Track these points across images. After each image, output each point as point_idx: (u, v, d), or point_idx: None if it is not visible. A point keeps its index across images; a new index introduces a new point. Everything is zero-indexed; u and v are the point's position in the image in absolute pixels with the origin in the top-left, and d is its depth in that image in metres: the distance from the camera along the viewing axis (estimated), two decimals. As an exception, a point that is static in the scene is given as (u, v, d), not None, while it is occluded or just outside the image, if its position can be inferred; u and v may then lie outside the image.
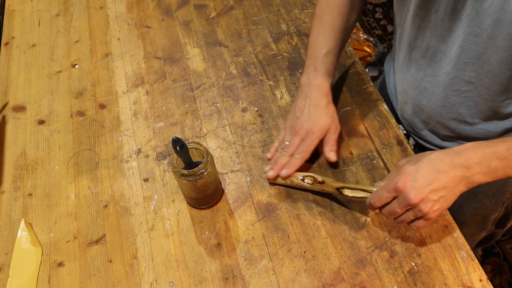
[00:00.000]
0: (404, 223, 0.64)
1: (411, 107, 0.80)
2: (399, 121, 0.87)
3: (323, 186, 0.71)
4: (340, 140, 0.79)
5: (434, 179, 0.58)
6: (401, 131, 0.81)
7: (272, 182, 0.76)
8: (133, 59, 0.97)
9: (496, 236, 1.01)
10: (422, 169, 0.59)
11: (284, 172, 0.73)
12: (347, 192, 0.68)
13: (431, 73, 0.71)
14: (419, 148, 0.87)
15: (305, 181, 0.73)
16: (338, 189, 0.69)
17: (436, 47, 0.68)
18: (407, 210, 0.61)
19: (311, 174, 0.73)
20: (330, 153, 0.74)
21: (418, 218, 0.62)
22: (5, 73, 0.98)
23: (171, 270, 0.69)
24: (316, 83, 0.76)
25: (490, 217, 0.89)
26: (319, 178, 0.72)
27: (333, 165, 0.78)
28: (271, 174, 0.74)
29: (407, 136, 0.87)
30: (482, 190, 0.83)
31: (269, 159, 0.77)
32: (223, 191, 0.77)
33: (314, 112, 0.74)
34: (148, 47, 0.99)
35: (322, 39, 0.77)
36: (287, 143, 0.75)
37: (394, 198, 0.61)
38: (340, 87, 0.88)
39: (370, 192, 0.66)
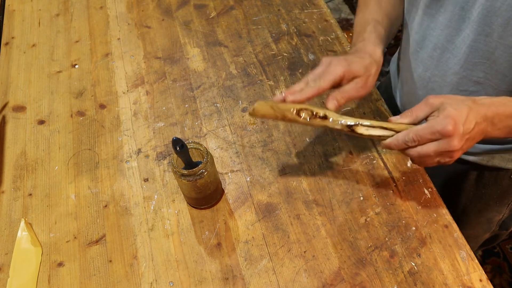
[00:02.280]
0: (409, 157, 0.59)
1: None
2: None
3: (326, 122, 0.60)
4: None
5: (473, 128, 0.55)
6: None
7: (260, 114, 0.62)
8: (133, 59, 0.97)
9: (500, 238, 1.01)
10: (466, 116, 0.54)
11: (291, 97, 0.62)
12: (361, 130, 0.59)
13: (438, 73, 0.70)
14: None
15: (301, 115, 0.61)
16: (350, 126, 0.60)
17: (444, 46, 0.67)
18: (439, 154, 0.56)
19: (308, 107, 0.61)
20: (331, 101, 0.62)
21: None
22: (5, 73, 0.98)
23: (171, 270, 0.69)
24: (365, 49, 0.67)
25: (495, 219, 0.88)
26: (321, 112, 0.60)
27: (334, 166, 0.78)
28: (277, 96, 0.63)
29: None
30: (487, 192, 0.83)
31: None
32: (223, 191, 0.77)
33: (350, 56, 0.65)
34: (148, 47, 0.99)
35: (368, 15, 0.72)
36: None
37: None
38: (340, 87, 0.88)
39: (394, 130, 0.59)
